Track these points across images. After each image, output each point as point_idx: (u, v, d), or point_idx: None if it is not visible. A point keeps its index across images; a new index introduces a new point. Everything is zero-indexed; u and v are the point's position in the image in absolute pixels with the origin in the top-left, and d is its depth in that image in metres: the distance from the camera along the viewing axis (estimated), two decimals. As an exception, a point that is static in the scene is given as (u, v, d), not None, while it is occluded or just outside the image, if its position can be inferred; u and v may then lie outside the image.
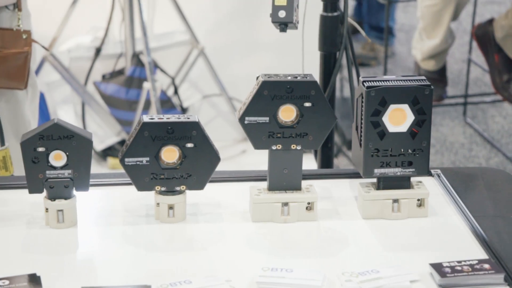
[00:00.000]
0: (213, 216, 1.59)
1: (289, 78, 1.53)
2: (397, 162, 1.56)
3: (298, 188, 1.58)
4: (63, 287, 1.33)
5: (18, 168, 2.04)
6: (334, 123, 1.56)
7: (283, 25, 1.65)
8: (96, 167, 3.48)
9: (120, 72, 3.69)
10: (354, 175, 1.71)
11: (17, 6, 2.08)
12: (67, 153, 1.49)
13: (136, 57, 3.65)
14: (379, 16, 4.73)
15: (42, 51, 3.53)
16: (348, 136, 3.69)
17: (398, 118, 1.55)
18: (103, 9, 3.66)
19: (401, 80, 1.55)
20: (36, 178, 1.50)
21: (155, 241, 1.50)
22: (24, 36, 2.06)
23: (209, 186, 1.56)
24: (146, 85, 3.44)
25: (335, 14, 1.96)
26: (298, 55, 2.06)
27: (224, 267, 1.42)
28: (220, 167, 1.57)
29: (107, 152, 3.63)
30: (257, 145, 1.56)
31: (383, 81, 1.54)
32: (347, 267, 1.41)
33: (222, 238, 1.52)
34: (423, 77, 1.57)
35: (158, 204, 1.55)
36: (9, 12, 2.08)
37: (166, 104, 3.60)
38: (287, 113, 1.54)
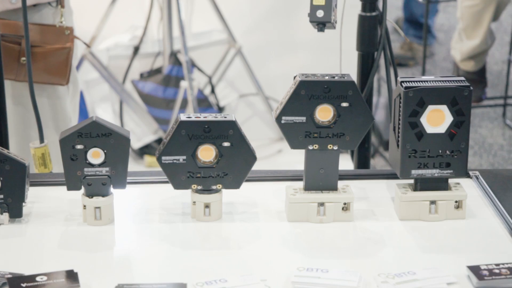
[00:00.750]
0: (249, 215, 1.59)
1: (327, 78, 1.53)
2: (435, 163, 1.55)
3: (334, 188, 1.57)
4: (100, 284, 1.34)
5: (58, 165, 2.06)
6: (371, 124, 1.55)
7: (321, 24, 1.64)
8: (133, 165, 3.51)
9: (158, 70, 3.71)
10: (391, 176, 1.69)
11: (60, 2, 2.11)
12: (105, 151, 1.51)
13: (174, 56, 3.67)
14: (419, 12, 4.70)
15: (82, 49, 3.57)
16: (385, 136, 3.67)
17: (437, 119, 1.53)
18: (142, 8, 3.68)
19: (439, 81, 1.54)
20: (74, 175, 1.51)
21: (191, 240, 1.50)
22: (66, 32, 2.09)
23: (245, 185, 1.56)
24: (183, 84, 3.45)
25: (374, 14, 1.95)
26: (336, 55, 2.05)
27: (260, 266, 1.42)
28: (256, 167, 1.57)
29: (144, 150, 3.65)
30: (294, 145, 1.55)
31: (422, 81, 1.53)
32: (383, 268, 1.40)
33: (257, 237, 1.52)
34: (462, 78, 1.55)
35: (194, 202, 1.56)
36: (52, 9, 2.10)
37: (203, 103, 3.61)
38: (324, 113, 1.53)
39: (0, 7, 2.07)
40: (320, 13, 1.63)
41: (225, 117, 1.52)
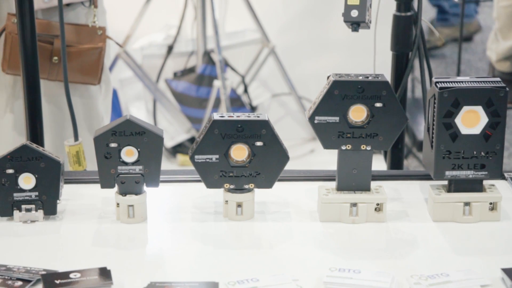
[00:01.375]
0: (281, 215, 1.58)
1: (360, 78, 1.52)
2: (469, 164, 1.54)
3: (367, 188, 1.56)
4: (132, 281, 1.35)
5: (91, 163, 2.08)
6: (405, 124, 1.54)
7: (356, 24, 1.63)
8: (166, 164, 3.52)
9: (191, 70, 3.72)
10: (425, 177, 1.68)
11: (93, 2, 2.12)
12: (139, 149, 1.51)
13: (207, 55, 3.68)
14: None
15: (116, 48, 3.59)
16: (419, 137, 3.64)
17: (471, 120, 1.52)
18: (176, 7, 3.70)
19: (475, 82, 1.52)
20: (108, 173, 1.52)
21: (223, 239, 1.51)
22: (99, 33, 2.10)
23: (277, 185, 1.56)
24: (217, 83, 3.46)
25: (409, 14, 1.93)
26: (370, 55, 2.04)
27: (291, 266, 1.41)
28: (288, 166, 1.57)
29: (177, 149, 3.66)
30: (327, 145, 1.55)
31: (457, 82, 1.52)
32: (416, 269, 1.39)
33: (289, 237, 1.52)
34: (498, 79, 1.53)
35: (226, 201, 1.56)
36: (85, 9, 2.12)
37: (235, 102, 3.62)
38: (358, 113, 1.53)
39: (38, 5, 2.08)
40: (354, 13, 1.62)
41: (258, 117, 1.52)
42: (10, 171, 1.51)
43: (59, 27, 1.97)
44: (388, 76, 1.64)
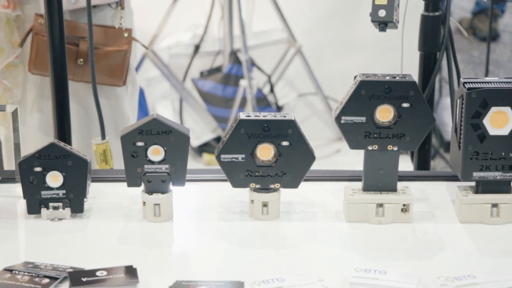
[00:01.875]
0: (307, 214, 1.58)
1: (388, 78, 1.51)
2: (497, 165, 1.52)
3: (393, 189, 1.56)
4: (158, 280, 1.35)
5: (117, 162, 2.09)
6: (432, 125, 1.53)
7: (383, 24, 1.63)
8: (191, 163, 3.53)
9: (218, 69, 3.73)
10: (452, 178, 1.67)
11: (120, 4, 2.13)
12: (165, 148, 1.52)
13: (233, 54, 3.68)
14: None
15: (143, 48, 3.60)
16: (446, 137, 3.62)
17: (500, 121, 1.51)
18: (203, 7, 3.71)
19: (503, 82, 1.51)
20: (135, 172, 1.53)
21: (249, 238, 1.51)
22: (125, 34, 2.11)
23: (303, 185, 1.56)
24: (243, 82, 3.46)
25: (437, 14, 1.92)
26: (397, 55, 2.03)
27: (317, 266, 1.41)
28: (314, 166, 1.56)
29: (203, 148, 3.67)
30: (353, 145, 1.54)
31: (485, 82, 1.51)
32: (443, 271, 1.38)
33: (315, 237, 1.51)
34: (527, 79, 1.52)
35: (252, 201, 1.56)
36: (111, 10, 2.13)
37: (261, 102, 3.62)
38: (385, 113, 1.52)
39: (64, 6, 2.09)
40: (382, 13, 1.62)
41: (285, 116, 1.52)
42: (38, 169, 1.52)
43: (86, 29, 1.98)
44: (415, 76, 1.63)
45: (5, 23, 2.12)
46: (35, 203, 1.54)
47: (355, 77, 1.53)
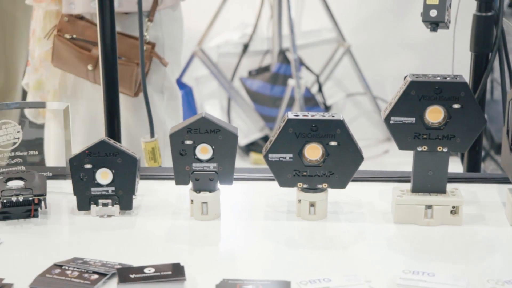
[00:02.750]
0: (354, 215, 1.57)
1: (438, 78, 1.50)
2: (550, 168, 1.50)
3: (443, 191, 1.54)
4: (205, 278, 1.36)
5: (166, 161, 2.10)
6: (483, 126, 1.51)
7: (434, 24, 1.61)
8: (239, 162, 3.54)
9: (266, 68, 3.73)
10: (503, 180, 1.65)
11: (149, 15, 2.12)
12: (213, 147, 1.53)
13: (282, 54, 3.68)
14: None
15: (193, 46, 3.63)
16: (497, 139, 3.57)
17: (553, 123, 1.48)
18: (253, 6, 3.71)
19: (557, 83, 1.48)
20: (183, 170, 1.54)
21: (296, 238, 1.50)
22: (145, 48, 2.10)
23: (351, 185, 1.55)
24: (291, 82, 3.46)
25: (489, 14, 1.89)
26: (448, 55, 2.01)
27: (364, 267, 1.40)
28: (362, 167, 1.55)
29: (250, 147, 3.68)
30: (402, 146, 1.53)
31: (538, 83, 1.48)
32: (493, 274, 1.36)
33: (362, 238, 1.50)
34: None
35: (299, 201, 1.56)
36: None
37: (309, 101, 3.61)
38: (435, 114, 1.50)
39: (84, 8, 2.11)
40: (433, 13, 1.60)
41: (333, 116, 1.52)
42: (88, 166, 1.54)
43: (117, 36, 2.00)
44: (466, 77, 1.61)
45: (43, 16, 2.17)
46: (85, 200, 1.55)
47: (405, 77, 1.52)
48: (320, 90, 3.75)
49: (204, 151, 1.53)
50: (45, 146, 2.21)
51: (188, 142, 1.52)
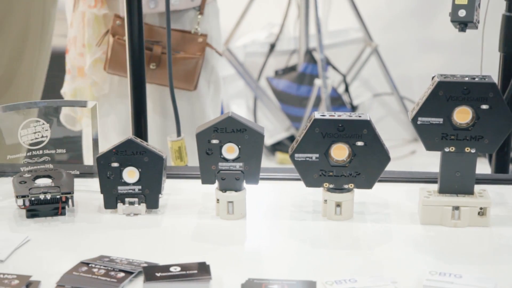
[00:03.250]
0: (381, 216, 1.57)
1: (467, 79, 1.49)
2: None
3: (470, 192, 1.53)
4: (231, 277, 1.36)
5: (192, 160, 2.11)
6: (512, 127, 1.50)
7: (463, 24, 1.60)
8: (264, 162, 3.54)
9: (293, 68, 3.73)
10: (531, 182, 1.63)
11: (200, 9, 2.14)
12: (240, 146, 1.53)
13: (309, 53, 3.68)
14: None
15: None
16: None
17: None
18: (280, 5, 3.71)
19: None
20: (209, 169, 1.54)
21: (321, 238, 1.50)
22: (199, 40, 2.12)
23: (377, 186, 1.55)
24: (318, 82, 3.45)
25: (518, 13, 1.88)
26: (477, 55, 2.00)
27: (390, 268, 1.40)
28: (388, 167, 1.55)
29: (276, 147, 3.68)
30: (429, 147, 1.52)
31: None
32: (520, 277, 1.35)
33: (389, 238, 1.50)
34: None
35: (325, 201, 1.55)
36: (191, 14, 2.14)
37: (336, 101, 3.60)
38: (463, 115, 1.49)
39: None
40: (462, 13, 1.59)
41: (360, 116, 1.51)
42: (115, 164, 1.54)
43: (161, 33, 2.00)
44: (495, 78, 1.60)
45: (93, 21, 2.18)
46: (112, 198, 1.56)
47: (432, 78, 1.51)
48: (346, 90, 3.74)
49: (230, 151, 1.53)
50: (84, 143, 2.22)
51: (215, 141, 1.53)
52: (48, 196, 1.53)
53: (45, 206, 1.55)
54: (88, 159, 2.17)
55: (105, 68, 2.17)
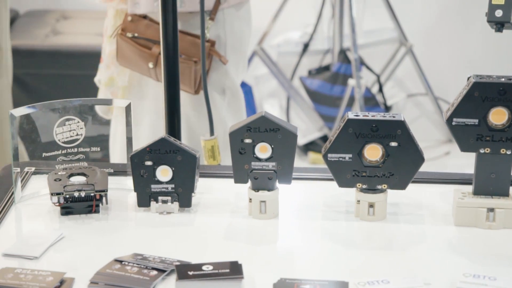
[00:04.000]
0: (414, 217, 1.56)
1: (503, 80, 1.47)
2: None
3: (505, 194, 1.51)
4: (263, 277, 1.36)
5: (224, 159, 2.11)
6: (548, 129, 1.48)
7: (499, 24, 1.58)
8: (297, 161, 3.53)
9: (326, 68, 3.72)
10: None
11: (210, 14, 2.13)
12: (272, 146, 1.53)
13: (343, 53, 3.66)
14: None
15: (253, 45, 3.63)
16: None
17: None
18: (314, 5, 3.70)
19: None
20: (242, 168, 1.54)
21: (354, 238, 1.50)
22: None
23: (411, 186, 1.54)
24: (351, 81, 3.44)
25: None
26: (512, 55, 1.98)
27: (423, 269, 1.39)
28: (422, 168, 1.54)
29: (309, 147, 3.67)
30: (464, 148, 1.51)
31: None
32: (556, 281, 1.33)
33: (422, 240, 1.49)
34: None
35: (358, 201, 1.55)
36: (205, 18, 2.13)
37: (369, 101, 3.59)
38: (499, 116, 1.48)
39: (149, 8, 2.13)
40: (499, 13, 1.57)
41: (394, 117, 1.50)
42: (149, 163, 1.55)
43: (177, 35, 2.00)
44: (532, 78, 1.58)
45: (114, 14, 2.20)
46: (145, 196, 1.57)
47: (468, 78, 1.50)
48: (380, 90, 3.72)
49: (263, 150, 1.53)
50: (111, 142, 2.24)
51: (248, 140, 1.53)
52: (82, 194, 1.55)
53: (79, 204, 1.56)
54: (114, 152, 2.18)
55: (117, 59, 2.20)
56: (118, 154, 2.20)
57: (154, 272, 1.36)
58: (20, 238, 1.49)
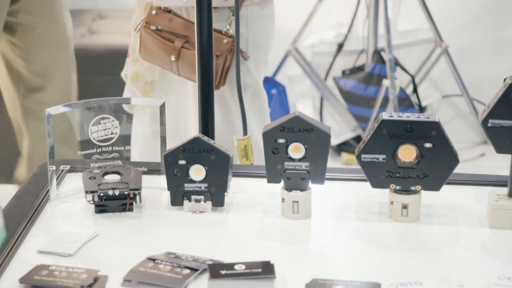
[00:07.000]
0: (448, 218, 1.55)
1: (539, 80, 1.45)
2: None
3: (541, 196, 1.49)
4: (295, 277, 1.36)
5: (257, 159, 2.11)
6: None
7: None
8: (330, 162, 3.52)
9: (360, 68, 3.70)
10: None
11: (234, 10, 2.13)
12: (306, 146, 1.52)
13: (377, 54, 3.64)
14: None
15: (287, 45, 3.63)
16: None
17: None
18: (349, 5, 3.69)
19: None
20: (275, 168, 1.54)
21: (387, 239, 1.49)
22: (225, 41, 2.11)
23: (445, 188, 1.53)
24: (385, 82, 3.42)
25: None
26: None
27: (457, 271, 1.38)
28: (457, 169, 1.52)
29: (342, 147, 3.66)
30: (500, 149, 1.49)
31: None
32: None
33: (456, 241, 1.47)
34: None
35: (392, 202, 1.54)
36: (227, 13, 2.13)
37: (404, 102, 3.56)
38: (535, 117, 1.46)
39: (173, 2, 2.14)
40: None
41: (428, 118, 1.49)
42: (182, 162, 1.56)
43: (188, 27, 1.99)
44: None
45: (144, 8, 2.21)
46: (178, 195, 1.58)
47: (504, 80, 1.48)
48: (415, 91, 3.70)
49: (296, 150, 1.53)
50: (132, 138, 2.25)
51: (281, 140, 1.53)
52: (117, 192, 1.56)
53: (113, 202, 1.57)
54: (144, 154, 2.18)
55: (140, 53, 2.20)
56: (139, 149, 2.18)
57: (187, 271, 1.36)
58: (55, 235, 1.50)
